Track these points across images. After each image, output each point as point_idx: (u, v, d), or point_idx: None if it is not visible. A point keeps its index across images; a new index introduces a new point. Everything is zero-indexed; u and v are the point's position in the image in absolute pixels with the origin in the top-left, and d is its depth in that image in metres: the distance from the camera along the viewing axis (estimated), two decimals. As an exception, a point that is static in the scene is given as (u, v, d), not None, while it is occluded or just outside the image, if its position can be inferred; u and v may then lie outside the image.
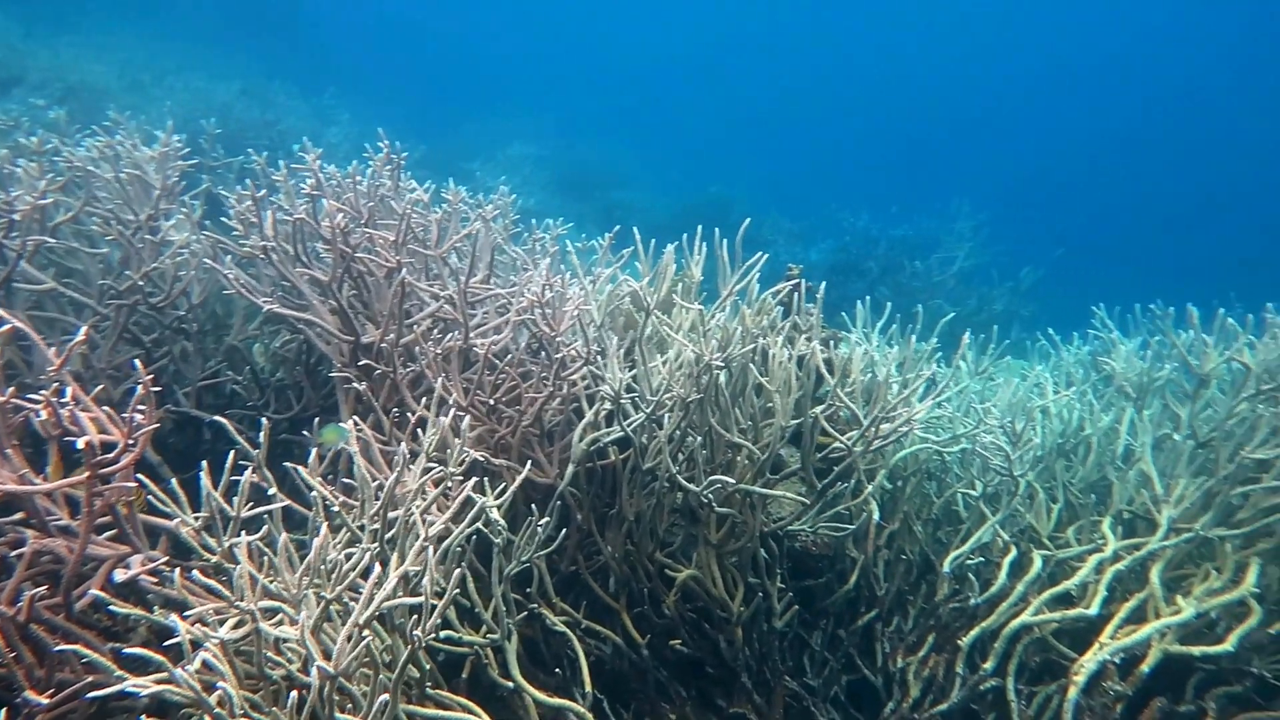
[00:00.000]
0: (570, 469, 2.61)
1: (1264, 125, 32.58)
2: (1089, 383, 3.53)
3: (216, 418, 2.53)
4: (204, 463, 2.01)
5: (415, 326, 2.84)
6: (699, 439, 2.56)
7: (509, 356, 2.68)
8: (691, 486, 2.54)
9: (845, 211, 12.35)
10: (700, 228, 2.82)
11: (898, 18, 39.06)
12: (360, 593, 1.75)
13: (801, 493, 2.93)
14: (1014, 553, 2.95)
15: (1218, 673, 2.80)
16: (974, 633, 2.86)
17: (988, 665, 2.81)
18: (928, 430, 3.15)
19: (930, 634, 3.02)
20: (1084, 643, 2.79)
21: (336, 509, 2.06)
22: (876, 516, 3.05)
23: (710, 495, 2.54)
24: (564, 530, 2.66)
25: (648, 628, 2.91)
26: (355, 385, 2.76)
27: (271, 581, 1.86)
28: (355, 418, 2.33)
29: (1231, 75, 34.60)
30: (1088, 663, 2.62)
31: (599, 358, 2.65)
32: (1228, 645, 2.61)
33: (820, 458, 2.70)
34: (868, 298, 3.17)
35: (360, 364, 2.82)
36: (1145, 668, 2.64)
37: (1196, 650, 2.64)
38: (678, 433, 2.55)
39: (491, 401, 2.66)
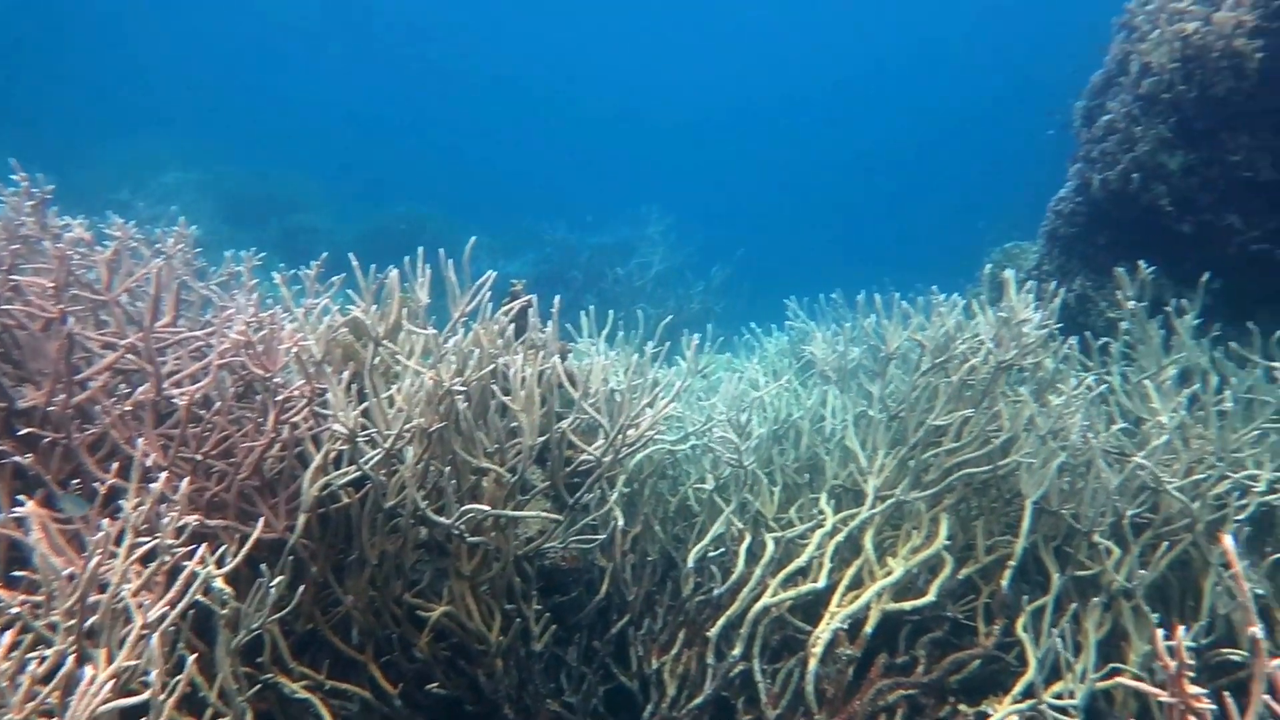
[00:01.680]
0: (301, 518, 2.38)
1: (917, 126, 37.24)
2: (793, 370, 3.84)
3: None
4: None
5: (91, 382, 2.45)
6: (446, 468, 2.44)
7: (216, 405, 2.39)
8: (442, 520, 2.41)
9: (544, 223, 12.58)
10: (415, 255, 2.69)
11: (571, 28, 40.37)
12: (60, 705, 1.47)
13: (548, 509, 2.90)
14: (748, 539, 3.12)
15: (922, 622, 3.13)
16: (720, 622, 2.99)
17: (735, 651, 2.94)
18: (659, 430, 3.25)
19: (680, 630, 3.11)
20: (814, 614, 3.01)
21: (16, 610, 1.71)
22: (621, 522, 3.10)
23: (462, 526, 2.43)
24: (300, 587, 2.42)
25: (398, 675, 2.73)
26: (15, 459, 2.33)
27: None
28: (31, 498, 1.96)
29: (891, 76, 39.17)
30: (822, 634, 2.83)
31: (323, 395, 2.44)
32: (930, 596, 2.94)
33: (568, 472, 2.69)
34: (591, 308, 3.22)
35: (20, 433, 2.37)
36: (869, 629, 2.90)
37: (907, 605, 2.94)
38: (421, 465, 2.42)
39: (199, 456, 2.36)
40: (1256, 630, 1.42)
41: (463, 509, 2.40)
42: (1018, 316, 3.00)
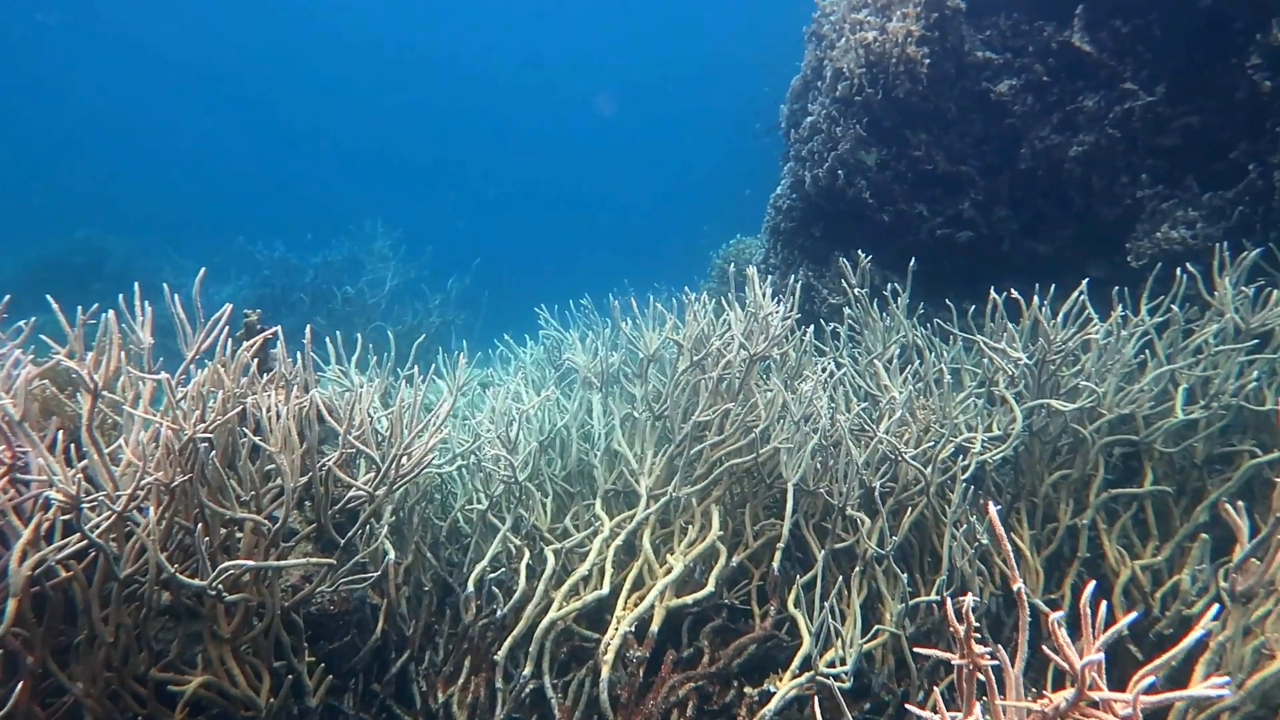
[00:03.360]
0: (10, 604, 2.01)
1: (637, 134, 38.32)
2: (553, 379, 3.82)
3: None
4: None
5: None
6: (197, 524, 2.15)
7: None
8: (195, 582, 2.13)
9: (257, 244, 11.63)
10: (97, 289, 2.37)
11: (269, 33, 37.86)
12: None
13: (310, 552, 2.67)
14: (527, 555, 3.06)
15: (702, 612, 3.22)
16: (507, 644, 2.90)
17: (525, 671, 2.86)
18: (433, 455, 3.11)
19: (465, 658, 2.99)
20: (599, 621, 3.00)
21: None
22: (392, 555, 2.92)
23: (220, 584, 2.16)
24: (15, 683, 2.05)
25: (146, 764, 2.39)
26: None
27: None
28: None
29: (610, 83, 39.96)
30: (612, 641, 2.82)
31: (24, 459, 2.07)
32: (710, 588, 3.02)
33: (337, 510, 2.48)
34: (339, 333, 3.00)
35: None
36: (654, 628, 2.93)
37: (689, 599, 3.00)
38: (163, 524, 2.12)
39: None
40: (1020, 585, 1.57)
41: (221, 566, 2.14)
42: (764, 311, 3.17)
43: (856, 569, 3.06)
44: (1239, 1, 4.36)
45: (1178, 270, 3.79)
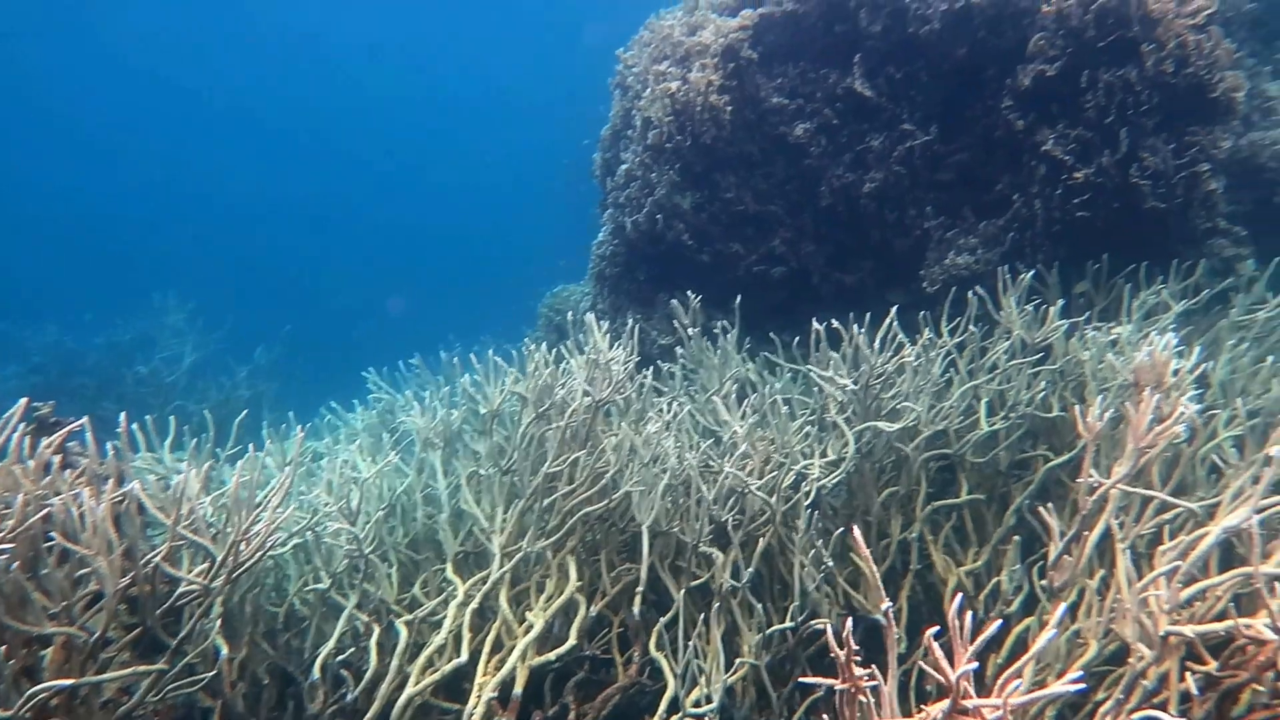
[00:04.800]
0: None
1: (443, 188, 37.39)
2: (389, 443, 3.65)
3: None
4: None
5: None
6: None
7: None
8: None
9: (24, 329, 10.49)
10: None
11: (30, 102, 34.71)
12: None
13: (129, 660, 2.40)
14: (377, 631, 2.89)
15: (564, 667, 3.14)
16: (361, 729, 2.72)
17: (384, 755, 2.69)
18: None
19: (316, 752, 2.78)
20: (459, 690, 2.87)
21: None
22: (225, 651, 2.68)
23: (28, 714, 1.90)
24: None
25: None
26: None
27: None
28: None
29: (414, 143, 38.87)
30: (476, 710, 2.70)
31: None
32: (572, 641, 2.96)
33: (165, 609, 2.24)
34: (149, 418, 2.75)
35: None
36: (518, 690, 2.84)
37: (552, 656, 2.92)
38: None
39: None
40: (887, 605, 1.64)
41: (28, 693, 1.88)
42: (605, 357, 3.18)
43: (715, 605, 3.09)
44: (989, 51, 4.85)
45: (968, 293, 4.12)
